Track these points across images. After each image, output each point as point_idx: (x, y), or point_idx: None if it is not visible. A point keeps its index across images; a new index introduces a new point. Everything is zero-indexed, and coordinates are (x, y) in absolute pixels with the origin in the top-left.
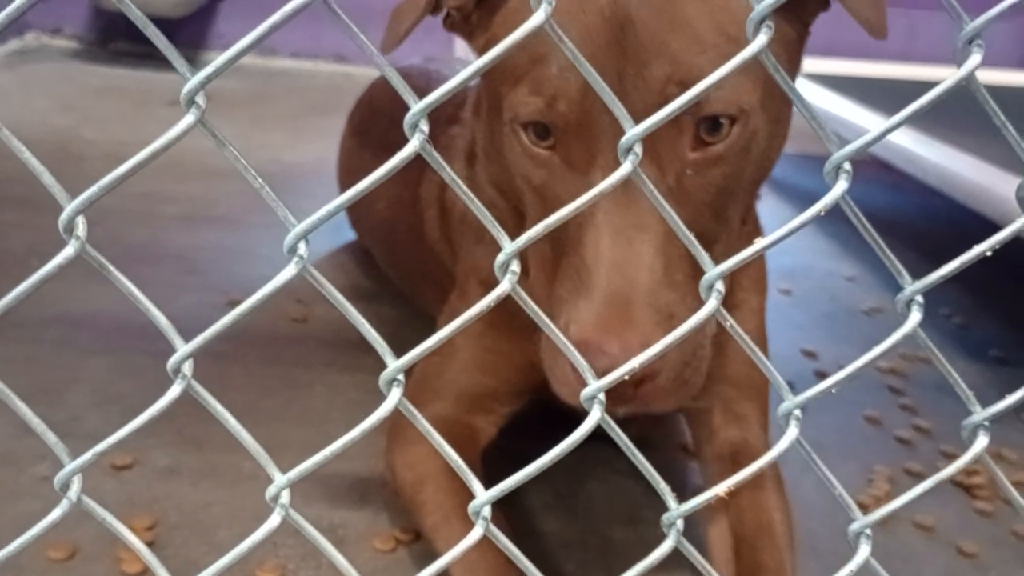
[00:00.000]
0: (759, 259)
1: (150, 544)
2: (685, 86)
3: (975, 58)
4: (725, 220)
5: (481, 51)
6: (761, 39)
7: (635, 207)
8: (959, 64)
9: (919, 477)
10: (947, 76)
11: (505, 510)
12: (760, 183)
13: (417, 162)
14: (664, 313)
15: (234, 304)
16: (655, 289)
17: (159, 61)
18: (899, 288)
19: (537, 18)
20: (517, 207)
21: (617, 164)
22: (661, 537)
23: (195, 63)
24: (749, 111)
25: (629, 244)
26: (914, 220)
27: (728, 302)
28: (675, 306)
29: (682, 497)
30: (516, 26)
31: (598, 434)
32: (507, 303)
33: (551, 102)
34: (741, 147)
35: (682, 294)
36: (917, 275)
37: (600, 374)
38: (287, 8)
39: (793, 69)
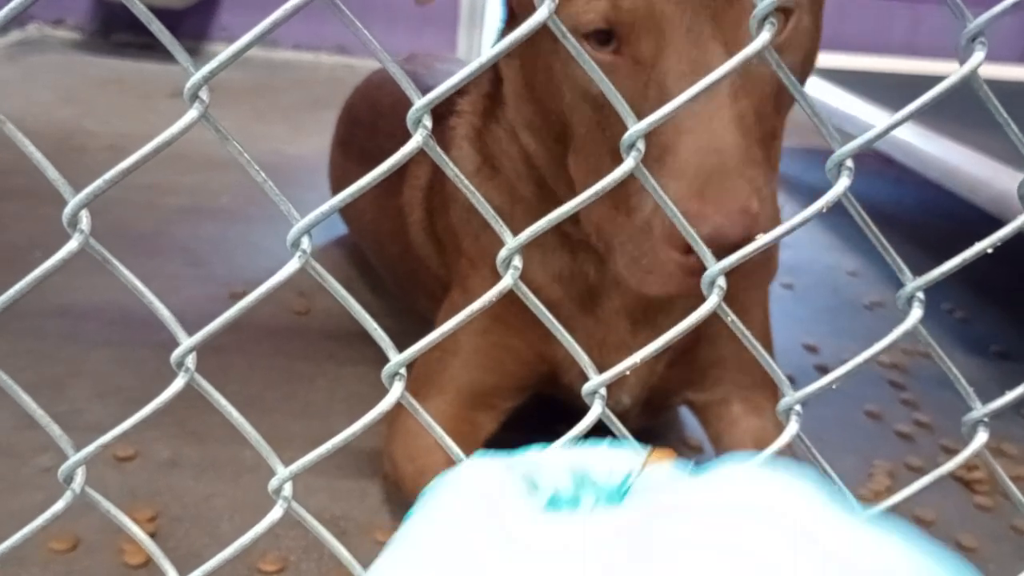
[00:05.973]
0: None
1: (152, 535)
2: None
3: (978, 56)
4: (779, 119)
5: None
6: None
7: (709, 91)
8: (962, 62)
9: (919, 472)
10: (951, 70)
11: None
12: (803, 84)
13: (397, 171)
14: (754, 186)
15: (236, 297)
16: (742, 163)
17: (161, 52)
18: (900, 283)
19: (540, 14)
20: (558, 144)
21: (689, 48)
22: None
23: (198, 54)
24: (801, 5)
25: (710, 123)
26: (915, 214)
27: (731, 291)
28: (759, 182)
29: None
30: None
31: (599, 429)
32: (515, 297)
33: (615, 2)
34: (793, 42)
35: (763, 173)
36: (918, 270)
37: (707, 241)
38: (289, 5)
39: None
